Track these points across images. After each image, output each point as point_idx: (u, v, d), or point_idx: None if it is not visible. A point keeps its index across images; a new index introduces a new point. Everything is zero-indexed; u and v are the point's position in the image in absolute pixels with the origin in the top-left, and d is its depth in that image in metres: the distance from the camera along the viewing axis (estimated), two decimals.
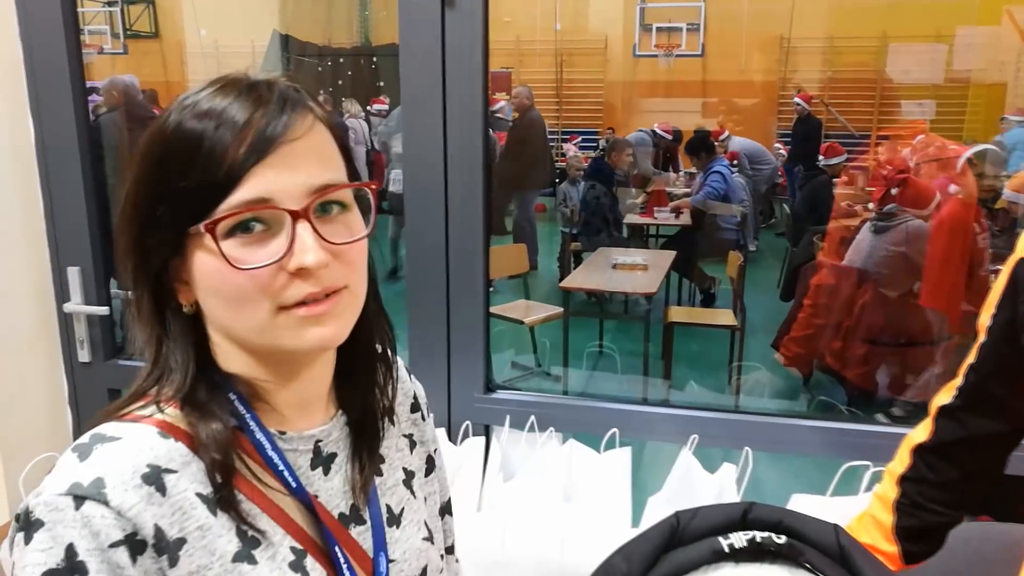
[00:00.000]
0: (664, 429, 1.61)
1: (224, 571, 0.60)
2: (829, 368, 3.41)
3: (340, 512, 0.68)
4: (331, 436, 0.70)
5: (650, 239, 5.93)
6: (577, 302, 4.65)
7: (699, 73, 9.25)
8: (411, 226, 1.67)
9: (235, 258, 0.59)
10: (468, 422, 1.66)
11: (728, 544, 1.00)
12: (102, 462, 0.58)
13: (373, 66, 9.39)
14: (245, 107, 0.59)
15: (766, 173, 7.05)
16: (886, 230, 3.75)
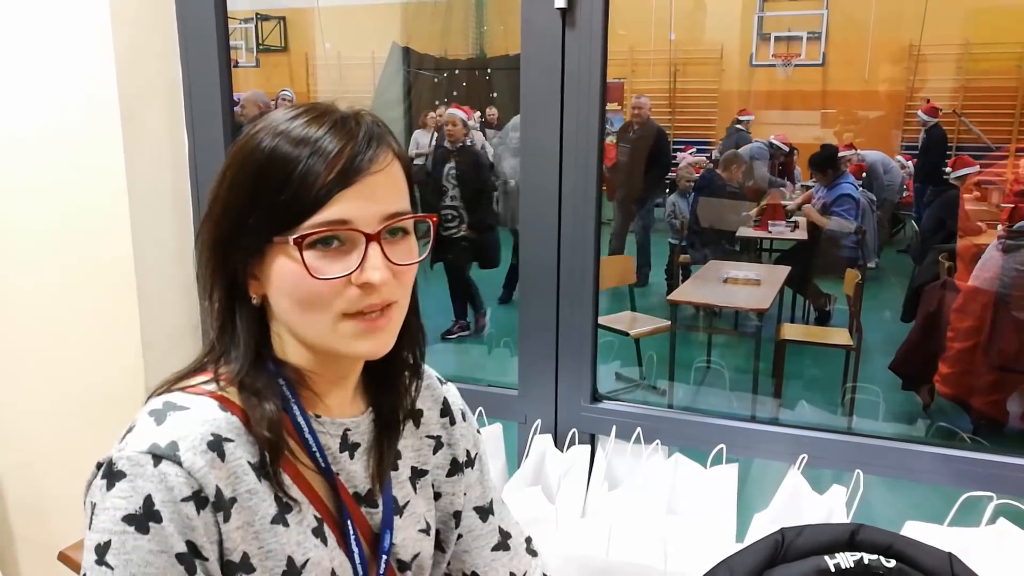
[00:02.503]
0: (773, 447, 1.60)
1: (263, 529, 0.69)
2: (953, 397, 3.24)
3: (356, 492, 0.78)
4: (359, 428, 0.79)
5: (763, 253, 5.79)
6: (685, 316, 4.61)
7: (819, 83, 8.96)
8: (524, 237, 1.72)
9: (314, 267, 0.68)
10: (575, 430, 1.70)
11: (835, 564, 0.99)
12: (175, 428, 0.67)
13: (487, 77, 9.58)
14: (337, 139, 0.68)
15: (894, 187, 6.76)
16: (1016, 249, 3.54)
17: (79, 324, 1.91)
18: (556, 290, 1.73)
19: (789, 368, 3.97)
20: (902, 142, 8.06)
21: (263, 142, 0.70)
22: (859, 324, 4.13)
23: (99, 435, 1.92)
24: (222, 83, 1.91)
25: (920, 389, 3.34)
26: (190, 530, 0.65)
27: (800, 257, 5.10)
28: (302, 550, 0.72)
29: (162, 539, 0.64)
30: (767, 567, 1.03)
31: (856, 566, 0.99)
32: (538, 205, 1.70)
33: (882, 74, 8.55)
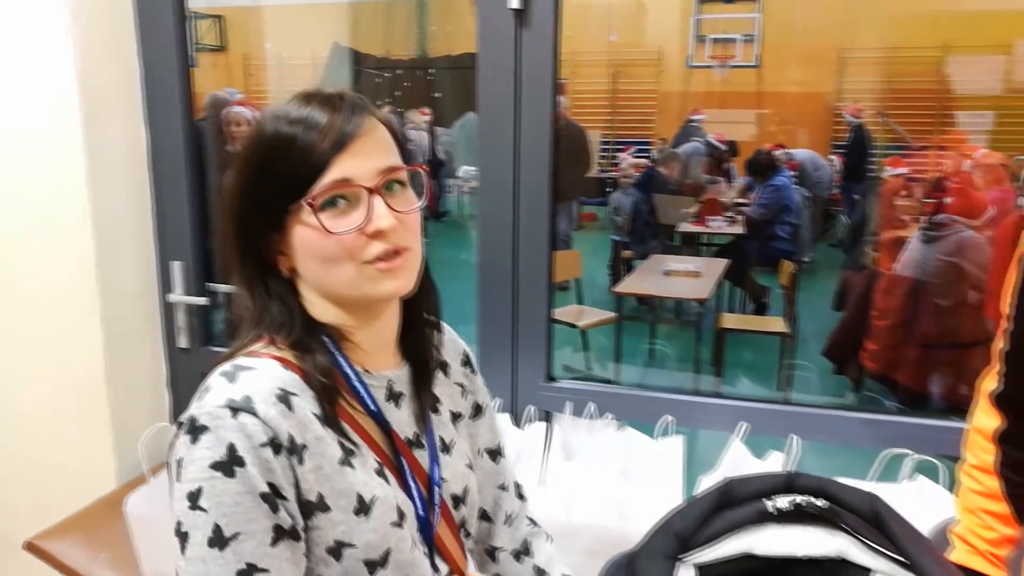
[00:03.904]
0: (715, 418, 1.72)
1: (333, 471, 0.77)
2: (880, 374, 3.45)
3: (406, 437, 0.86)
4: (400, 379, 0.88)
5: (703, 248, 5.99)
6: (630, 309, 4.76)
7: (754, 84, 9.24)
8: (483, 230, 1.82)
9: (328, 226, 0.78)
10: (531, 407, 1.80)
11: (773, 506, 1.11)
12: (247, 384, 0.75)
13: (429, 78, 9.62)
14: (324, 113, 0.78)
15: (823, 184, 7.04)
16: (937, 240, 3.78)
17: (40, 318, 1.93)
18: (512, 279, 1.83)
19: (730, 356, 4.15)
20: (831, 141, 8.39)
21: (264, 128, 0.80)
22: (794, 312, 4.34)
23: (58, 426, 1.95)
24: (180, 79, 1.95)
25: (849, 367, 3.55)
26: (270, 472, 0.73)
27: (738, 251, 5.31)
28: (368, 488, 0.79)
29: (247, 481, 0.72)
30: (715, 512, 1.14)
31: (793, 507, 1.11)
32: (496, 200, 1.79)
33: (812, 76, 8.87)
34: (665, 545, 1.13)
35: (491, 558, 1.01)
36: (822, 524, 1.12)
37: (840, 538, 1.11)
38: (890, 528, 1.08)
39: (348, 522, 0.77)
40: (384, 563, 0.79)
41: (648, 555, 1.13)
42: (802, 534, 1.12)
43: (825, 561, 1.12)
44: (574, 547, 1.37)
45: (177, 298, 2.04)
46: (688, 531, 1.14)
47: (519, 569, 1.02)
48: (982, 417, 1.19)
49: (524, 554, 1.03)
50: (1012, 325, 1.09)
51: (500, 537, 1.01)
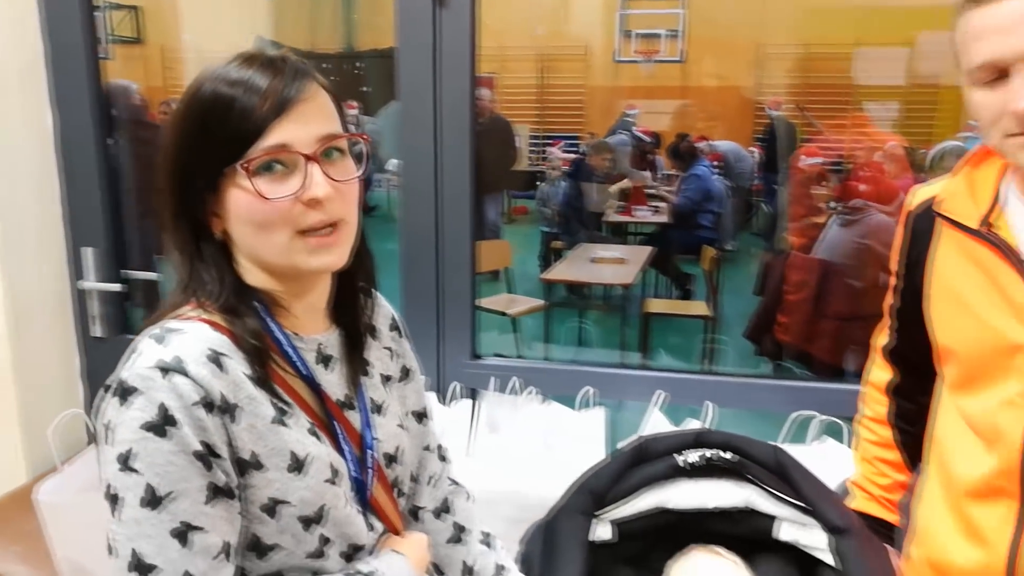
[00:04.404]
0: (634, 388, 1.77)
1: (267, 429, 0.77)
2: (791, 346, 3.57)
3: (337, 399, 0.86)
4: (330, 343, 0.88)
5: (630, 236, 6.11)
6: (559, 297, 4.82)
7: (679, 79, 9.43)
8: (405, 211, 1.82)
9: (263, 191, 0.77)
10: (457, 383, 1.81)
11: (684, 460, 1.16)
12: (177, 346, 0.75)
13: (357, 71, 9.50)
14: (266, 76, 0.77)
15: (745, 175, 7.25)
16: (852, 224, 3.95)
17: None
18: (436, 261, 1.84)
19: (656, 339, 4.25)
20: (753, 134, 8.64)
21: (203, 87, 0.78)
22: (717, 296, 4.47)
23: None
24: (89, 67, 1.89)
25: (764, 341, 3.68)
26: (203, 431, 0.72)
27: (663, 239, 5.44)
28: (302, 447, 0.79)
29: (180, 440, 0.71)
30: (629, 469, 1.19)
31: (702, 460, 1.16)
32: (418, 182, 1.80)
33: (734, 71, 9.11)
34: (581, 503, 1.17)
35: (414, 517, 1.03)
36: (730, 476, 1.17)
37: (747, 489, 1.17)
38: (792, 477, 1.14)
39: (283, 480, 0.77)
40: (319, 520, 0.80)
41: (566, 514, 1.17)
42: (712, 487, 1.17)
43: (734, 511, 1.18)
44: (499, 514, 1.39)
45: (90, 285, 1.98)
46: (603, 488, 1.18)
47: (439, 526, 1.03)
48: (876, 372, 1.26)
49: (444, 512, 1.04)
50: (901, 282, 1.16)
51: (423, 497, 1.03)
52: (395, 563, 0.86)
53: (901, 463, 1.22)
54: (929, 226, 1.08)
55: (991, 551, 0.98)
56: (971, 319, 1.00)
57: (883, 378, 1.24)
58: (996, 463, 0.97)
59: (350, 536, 0.84)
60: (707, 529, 1.17)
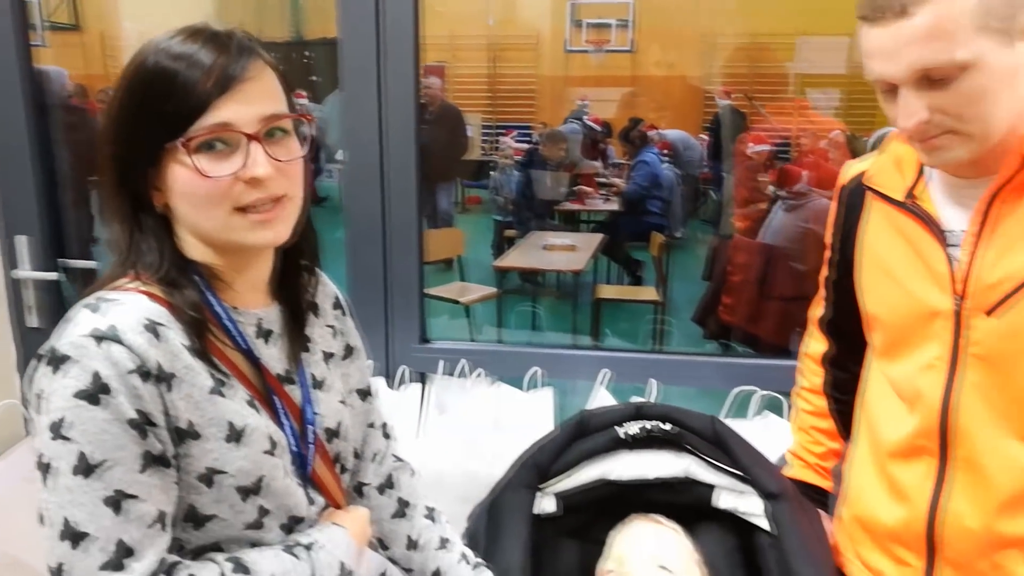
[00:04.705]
0: (581, 368, 1.79)
1: (204, 399, 0.77)
2: (735, 326, 3.64)
3: (277, 372, 0.86)
4: (270, 317, 0.88)
5: (581, 224, 6.16)
6: (512, 285, 4.84)
7: (629, 68, 9.49)
8: (351, 198, 1.81)
9: (203, 168, 0.77)
10: (405, 367, 1.81)
11: (624, 433, 1.18)
12: (112, 314, 0.74)
13: (306, 60, 9.37)
14: (211, 52, 0.77)
15: (694, 162, 7.35)
16: (796, 208, 4.04)
17: None
18: (383, 247, 1.84)
19: (608, 325, 4.31)
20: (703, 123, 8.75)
21: (146, 60, 0.77)
22: (666, 281, 4.53)
23: None
24: (19, 53, 1.83)
25: (709, 322, 3.75)
26: (138, 399, 0.72)
27: (613, 226, 5.50)
28: (240, 417, 0.79)
29: (113, 408, 0.71)
30: (571, 442, 1.21)
31: (642, 432, 1.19)
32: (362, 171, 1.79)
33: (684, 60, 9.20)
34: (525, 477, 1.19)
35: (358, 493, 1.03)
36: (669, 447, 1.20)
37: (686, 459, 1.20)
38: (729, 446, 1.18)
39: (219, 449, 0.77)
40: (257, 491, 0.80)
41: (510, 488, 1.18)
42: (652, 458, 1.20)
43: (674, 481, 1.21)
44: (448, 493, 1.39)
45: (24, 274, 1.93)
46: (547, 462, 1.19)
47: (384, 502, 1.04)
48: (812, 343, 1.30)
49: (389, 487, 1.05)
50: (835, 255, 1.19)
51: (367, 473, 1.03)
52: (335, 535, 0.87)
53: (835, 432, 1.26)
54: (860, 200, 1.12)
55: (913, 507, 1.02)
56: (896, 287, 1.04)
57: (818, 350, 1.28)
58: (917, 423, 1.01)
59: (289, 508, 0.84)
60: (648, 499, 1.20)
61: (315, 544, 0.84)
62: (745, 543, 1.21)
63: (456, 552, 1.06)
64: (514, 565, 1.10)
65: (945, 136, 0.90)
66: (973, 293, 0.96)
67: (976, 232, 0.96)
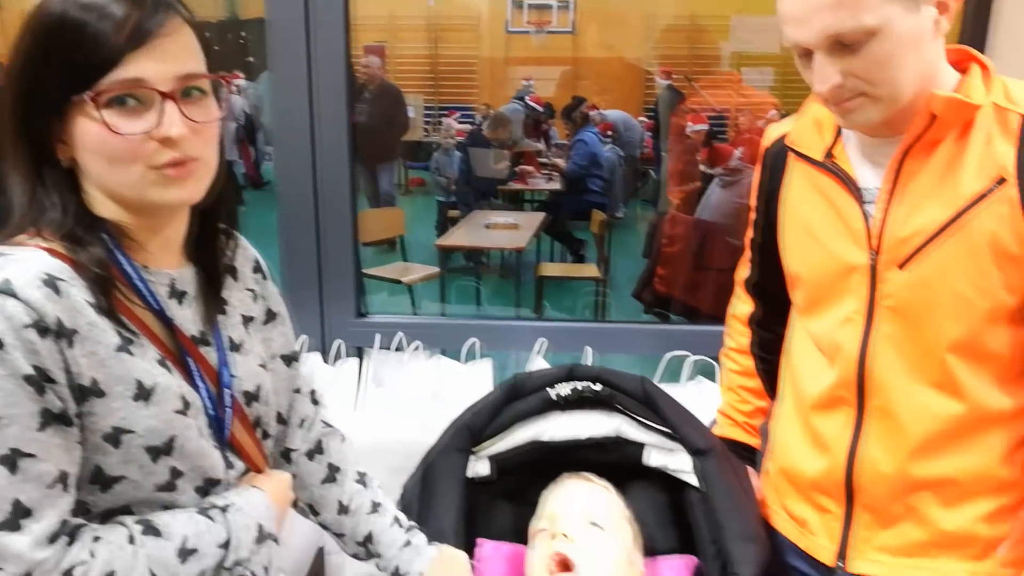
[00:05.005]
0: (518, 338, 1.80)
1: (110, 356, 0.75)
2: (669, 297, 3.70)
3: (191, 334, 0.84)
4: (184, 278, 0.86)
5: (525, 204, 6.18)
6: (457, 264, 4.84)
7: (570, 50, 9.51)
8: (279, 166, 1.78)
9: (113, 124, 0.74)
10: (340, 341, 1.79)
11: (556, 393, 1.19)
12: (6, 270, 0.71)
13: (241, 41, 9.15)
14: (123, 4, 0.74)
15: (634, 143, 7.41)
16: (731, 184, 4.12)
17: None
18: (315, 223, 1.81)
19: (551, 302, 4.34)
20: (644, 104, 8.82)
21: (52, 8, 0.74)
22: (607, 258, 4.58)
23: None
24: None
25: (645, 293, 3.81)
26: (34, 355, 0.69)
27: (555, 205, 5.53)
28: (150, 376, 0.76)
29: (9, 364, 0.68)
30: (504, 405, 1.21)
31: (573, 393, 1.20)
32: (292, 136, 1.75)
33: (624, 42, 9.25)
34: (458, 440, 1.19)
35: (286, 459, 1.02)
36: (600, 408, 1.22)
37: (616, 418, 1.22)
38: (658, 405, 1.20)
39: (127, 408, 0.75)
40: (168, 451, 0.78)
41: (443, 452, 1.18)
42: (583, 418, 1.22)
43: (605, 441, 1.22)
44: (386, 464, 1.38)
45: None
46: (479, 425, 1.20)
47: (312, 468, 1.03)
48: (738, 305, 1.33)
49: (318, 453, 1.04)
50: (759, 216, 1.22)
51: (294, 439, 1.02)
52: (253, 497, 0.85)
53: (761, 390, 1.30)
54: (782, 162, 1.14)
55: (833, 457, 1.06)
56: (816, 245, 1.07)
57: (744, 310, 1.30)
58: (837, 376, 1.04)
59: (204, 470, 0.82)
60: (580, 459, 1.21)
61: (231, 506, 0.83)
62: (675, 500, 1.24)
63: (388, 516, 1.06)
64: (447, 528, 1.10)
65: (858, 99, 0.93)
66: (887, 248, 0.99)
67: (889, 189, 0.99)
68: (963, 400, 0.97)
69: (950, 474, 0.99)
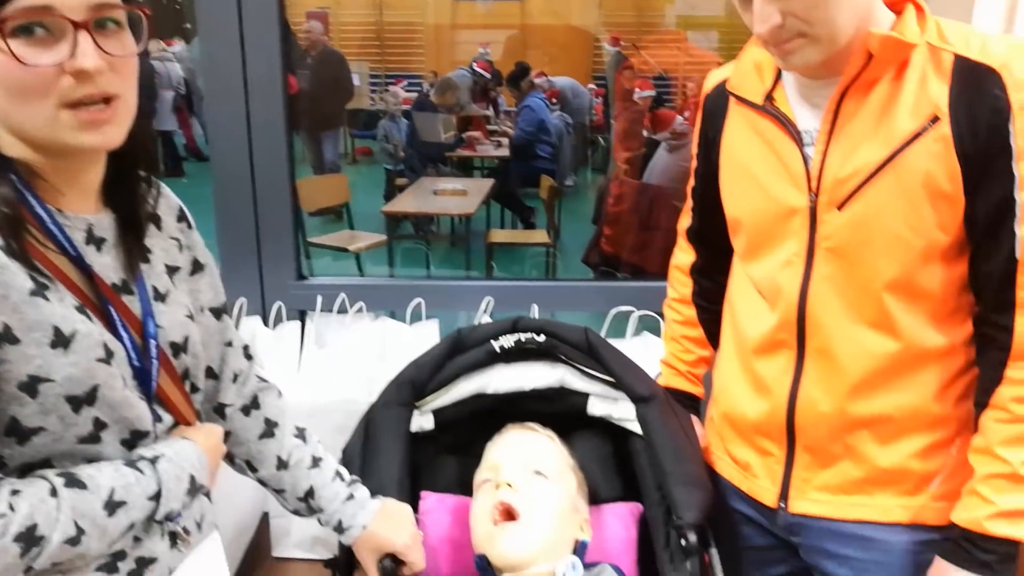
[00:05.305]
0: (464, 298, 1.78)
1: (23, 301, 0.70)
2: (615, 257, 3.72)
3: (112, 282, 0.80)
4: (102, 224, 0.81)
5: (475, 171, 6.13)
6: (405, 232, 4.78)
7: (518, 16, 9.41)
8: (213, 131, 1.71)
9: (21, 55, 0.69)
10: (280, 303, 1.75)
11: (499, 345, 1.18)
12: None
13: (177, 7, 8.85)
14: None
15: (583, 109, 7.40)
16: (677, 148, 4.14)
17: None
18: (251, 183, 1.75)
19: (501, 268, 4.33)
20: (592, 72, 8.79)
21: None
22: (557, 225, 4.58)
23: None
24: None
25: (591, 255, 3.82)
26: None
27: (504, 172, 5.49)
28: (68, 323, 0.72)
29: None
30: (447, 359, 1.19)
31: (516, 345, 1.19)
32: (225, 105, 1.68)
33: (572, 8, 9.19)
34: (401, 394, 1.17)
35: (220, 415, 0.98)
36: (544, 359, 1.21)
37: (560, 369, 1.21)
38: (601, 354, 1.19)
39: (44, 355, 0.71)
40: (91, 401, 0.74)
41: (384, 406, 1.16)
42: (527, 369, 1.21)
43: (549, 392, 1.21)
44: (330, 423, 1.36)
45: None
46: (423, 379, 1.18)
47: (248, 423, 1.00)
48: (680, 255, 1.33)
49: (254, 408, 1.01)
50: (700, 164, 1.21)
51: (227, 394, 0.98)
52: (184, 448, 0.82)
53: (704, 340, 1.30)
54: (722, 107, 1.14)
55: (774, 399, 1.07)
56: (755, 189, 1.07)
57: (686, 260, 1.30)
58: (778, 318, 1.05)
59: (130, 422, 0.79)
60: (524, 410, 1.20)
61: (161, 457, 0.79)
62: (619, 449, 1.24)
63: (329, 470, 1.03)
64: (390, 482, 1.09)
65: (797, 40, 0.93)
66: (825, 189, 0.99)
67: (827, 131, 0.99)
68: (899, 338, 0.99)
69: (886, 411, 1.01)
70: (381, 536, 1.03)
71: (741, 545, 1.19)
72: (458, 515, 1.15)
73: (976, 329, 0.99)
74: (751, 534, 1.17)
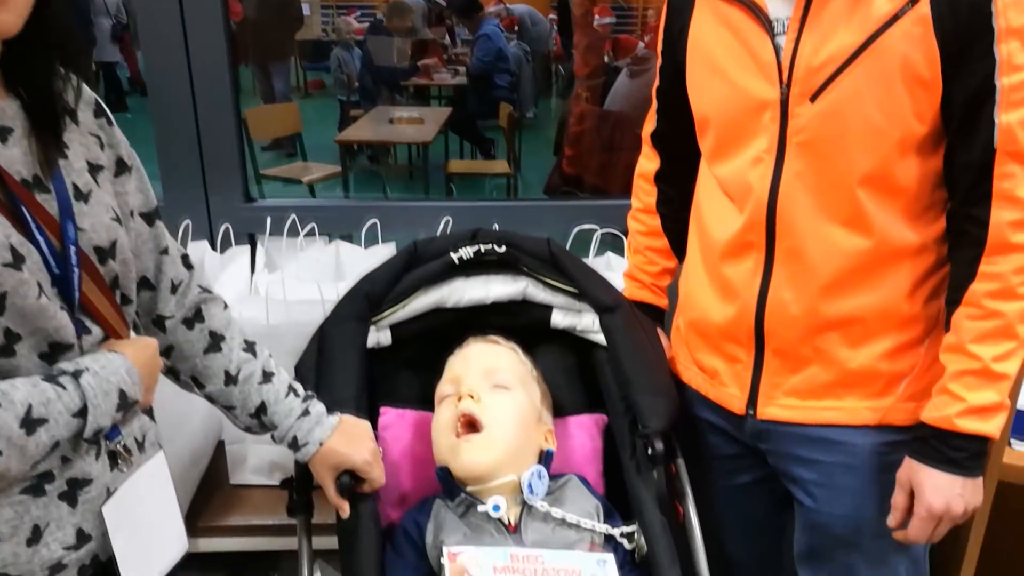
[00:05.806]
0: (420, 219, 1.71)
1: None
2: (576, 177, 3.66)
3: (22, 177, 0.73)
4: (6, 113, 0.73)
5: (432, 100, 5.97)
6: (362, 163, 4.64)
7: None
8: (148, 56, 1.60)
9: None
10: (227, 224, 1.66)
11: (458, 257, 1.12)
12: None
13: None
14: None
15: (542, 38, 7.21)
16: (639, 74, 4.05)
17: None
18: (192, 99, 1.65)
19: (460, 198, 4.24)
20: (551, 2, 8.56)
21: None
22: (516, 153, 4.49)
23: None
24: None
25: (552, 179, 3.75)
26: None
27: (461, 101, 5.35)
28: None
29: None
30: (404, 272, 1.14)
31: (476, 256, 1.13)
32: (161, 33, 1.57)
33: None
34: (354, 308, 1.11)
35: (160, 328, 0.92)
36: (505, 270, 1.16)
37: (522, 281, 1.16)
38: (564, 265, 1.15)
39: None
40: (0, 310, 0.68)
41: (337, 320, 1.11)
42: (488, 282, 1.16)
43: (511, 304, 1.17)
44: (285, 347, 1.30)
45: None
46: (378, 293, 1.13)
47: (192, 336, 0.94)
48: (643, 162, 1.28)
49: (197, 321, 0.94)
50: (666, 62, 1.16)
51: (166, 305, 0.92)
52: (111, 361, 0.76)
53: (668, 250, 1.26)
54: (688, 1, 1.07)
55: (742, 303, 1.03)
56: (724, 82, 1.01)
57: (650, 167, 1.26)
58: (746, 219, 1.01)
59: (48, 333, 0.72)
60: (486, 323, 1.16)
61: (85, 371, 0.73)
62: (584, 362, 1.21)
63: (282, 385, 0.98)
64: (348, 397, 1.04)
65: None
66: (797, 80, 0.94)
67: (800, 17, 0.94)
68: (871, 236, 0.96)
69: (857, 312, 0.99)
70: (339, 453, 0.98)
71: (708, 454, 1.17)
72: (419, 430, 1.11)
73: (950, 225, 0.96)
74: (718, 443, 1.16)
